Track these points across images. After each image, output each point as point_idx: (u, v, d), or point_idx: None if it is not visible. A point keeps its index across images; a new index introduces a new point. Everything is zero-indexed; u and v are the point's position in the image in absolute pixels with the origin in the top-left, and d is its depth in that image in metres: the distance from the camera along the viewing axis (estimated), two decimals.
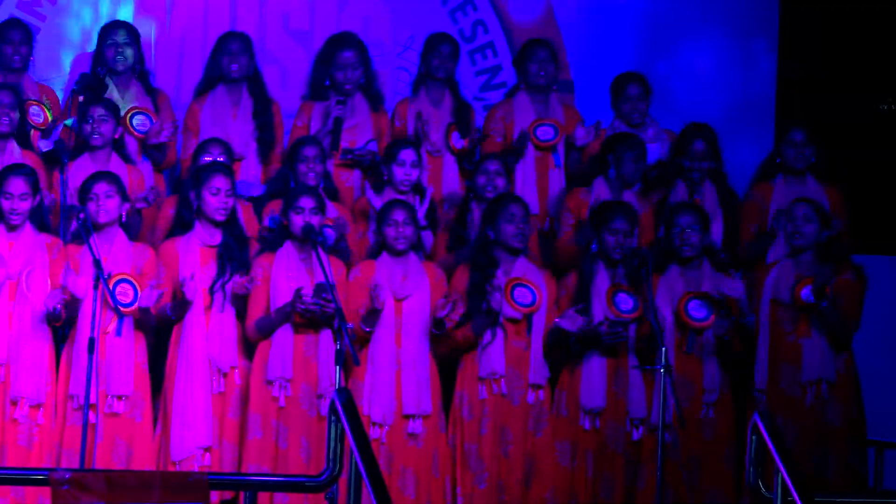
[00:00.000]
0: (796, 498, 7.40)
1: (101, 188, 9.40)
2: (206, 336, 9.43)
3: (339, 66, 10.54)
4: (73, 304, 9.18)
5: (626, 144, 10.30)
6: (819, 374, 9.67)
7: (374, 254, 9.72)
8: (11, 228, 9.33)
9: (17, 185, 9.32)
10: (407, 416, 9.49)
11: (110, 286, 9.15)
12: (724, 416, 9.67)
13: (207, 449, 9.36)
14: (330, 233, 9.72)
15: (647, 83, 10.82)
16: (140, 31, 10.58)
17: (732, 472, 9.55)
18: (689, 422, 9.45)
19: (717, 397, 9.65)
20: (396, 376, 9.50)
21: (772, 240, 10.14)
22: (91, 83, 10.32)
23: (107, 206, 9.37)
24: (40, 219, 9.48)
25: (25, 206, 9.33)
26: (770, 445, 7.67)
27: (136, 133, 10.24)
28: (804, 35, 11.88)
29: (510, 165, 10.41)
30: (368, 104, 10.63)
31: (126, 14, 10.84)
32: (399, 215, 9.58)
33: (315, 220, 9.47)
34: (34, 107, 10.24)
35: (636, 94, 10.75)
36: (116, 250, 9.39)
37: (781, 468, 7.56)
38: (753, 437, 7.85)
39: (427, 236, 10.00)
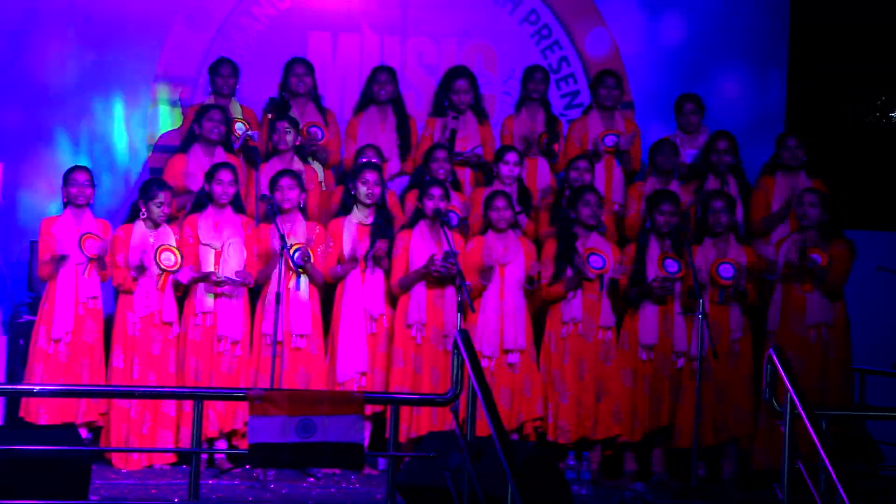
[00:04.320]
0: (801, 411, 7.27)
1: (285, 182, 9.37)
2: (362, 291, 9.38)
3: (455, 91, 10.41)
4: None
5: (660, 149, 10.18)
6: (819, 320, 9.50)
7: (482, 231, 9.64)
8: (221, 207, 9.32)
9: (226, 174, 9.33)
10: (507, 351, 9.40)
11: (291, 254, 9.15)
12: (746, 350, 9.51)
13: (363, 374, 9.31)
14: (453, 215, 9.68)
15: (699, 101, 10.61)
16: (314, 65, 10.53)
17: (752, 391, 9.41)
18: (720, 354, 9.30)
19: (740, 336, 9.50)
20: (500, 321, 9.41)
21: (783, 219, 9.99)
22: (278, 104, 10.27)
23: (289, 195, 9.33)
24: (238, 204, 9.47)
25: (231, 190, 9.32)
26: (781, 372, 7.52)
27: (310, 141, 10.20)
28: (806, 66, 11.70)
29: (593, 164, 10.30)
30: (476, 119, 10.50)
31: (303, 52, 10.79)
32: (500, 202, 9.51)
33: (442, 205, 9.40)
34: (238, 123, 10.20)
35: (689, 109, 10.54)
36: (296, 227, 9.36)
37: (790, 389, 7.42)
38: (769, 367, 7.68)
39: (521, 218, 9.90)
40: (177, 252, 9.12)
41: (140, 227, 9.24)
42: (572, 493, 8.22)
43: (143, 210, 9.22)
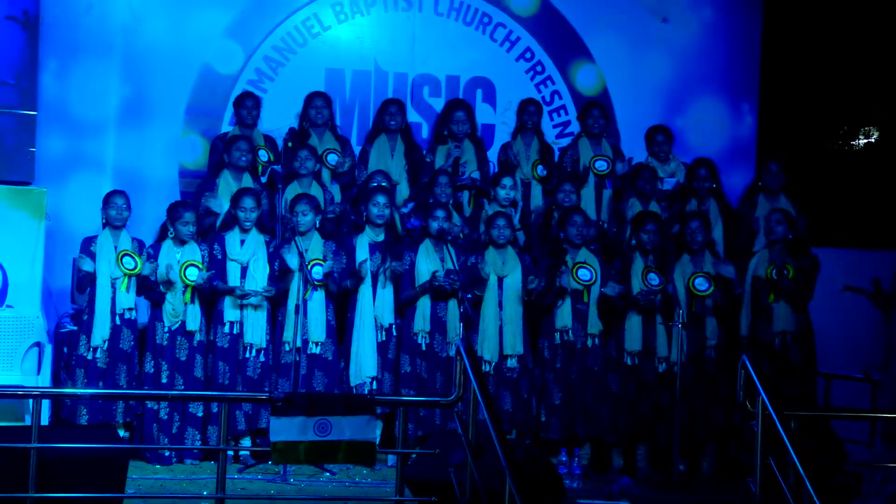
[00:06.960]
0: (771, 411, 7.28)
1: (303, 204, 9.39)
2: (374, 302, 9.39)
3: (454, 121, 10.43)
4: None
5: (641, 173, 10.16)
6: (785, 328, 9.56)
7: (484, 247, 9.65)
8: (244, 231, 9.35)
9: (248, 201, 9.35)
10: (506, 356, 9.43)
11: (309, 269, 9.15)
12: (721, 356, 9.53)
13: (374, 378, 9.34)
14: (455, 233, 9.68)
15: (669, 132, 10.67)
16: (331, 98, 10.55)
17: (726, 394, 9.40)
18: (697, 360, 9.29)
19: (716, 343, 9.52)
20: (500, 329, 9.43)
21: (755, 237, 10.01)
22: (298, 134, 10.30)
23: (307, 216, 9.36)
24: (262, 224, 9.49)
25: (254, 216, 9.34)
26: (753, 376, 7.53)
27: (328, 166, 10.20)
28: (776, 99, 11.71)
29: (579, 188, 10.30)
30: (474, 146, 10.51)
31: (321, 86, 10.79)
32: (501, 221, 9.52)
33: (446, 226, 9.41)
34: (261, 150, 10.22)
35: (661, 140, 10.58)
36: (313, 245, 9.37)
37: (761, 391, 7.42)
38: (742, 371, 7.69)
39: (520, 235, 9.91)
40: (201, 267, 9.15)
41: (168, 245, 9.26)
42: (564, 487, 8.22)
43: (171, 229, 9.26)
